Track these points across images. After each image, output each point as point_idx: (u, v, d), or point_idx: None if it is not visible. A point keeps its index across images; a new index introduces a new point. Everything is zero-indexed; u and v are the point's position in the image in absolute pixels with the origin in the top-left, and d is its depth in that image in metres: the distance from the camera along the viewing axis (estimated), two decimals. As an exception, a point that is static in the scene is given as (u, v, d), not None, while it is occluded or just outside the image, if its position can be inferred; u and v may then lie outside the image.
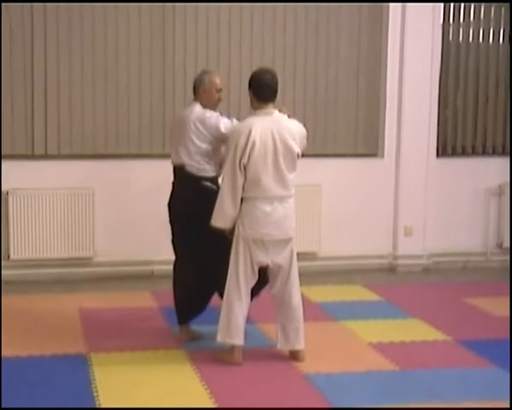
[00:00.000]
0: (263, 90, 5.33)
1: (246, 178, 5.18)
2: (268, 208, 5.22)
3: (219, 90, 5.72)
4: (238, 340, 5.31)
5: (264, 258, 5.27)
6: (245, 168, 5.16)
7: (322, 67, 7.93)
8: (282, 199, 5.26)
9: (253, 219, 5.22)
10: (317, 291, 6.36)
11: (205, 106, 5.67)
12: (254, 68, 5.88)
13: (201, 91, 5.70)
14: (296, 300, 5.38)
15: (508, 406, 4.70)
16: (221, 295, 5.50)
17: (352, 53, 7.98)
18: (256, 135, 5.15)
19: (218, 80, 5.73)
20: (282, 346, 5.43)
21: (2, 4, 7.15)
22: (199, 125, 5.56)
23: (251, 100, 5.39)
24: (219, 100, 5.75)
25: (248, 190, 5.22)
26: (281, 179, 5.24)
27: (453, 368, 5.36)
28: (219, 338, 5.32)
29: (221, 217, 5.25)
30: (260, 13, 7.68)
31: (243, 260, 5.27)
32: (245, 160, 5.15)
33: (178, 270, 5.81)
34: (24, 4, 7.16)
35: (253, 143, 5.15)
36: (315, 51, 7.87)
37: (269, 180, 5.19)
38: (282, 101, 7.80)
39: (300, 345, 5.40)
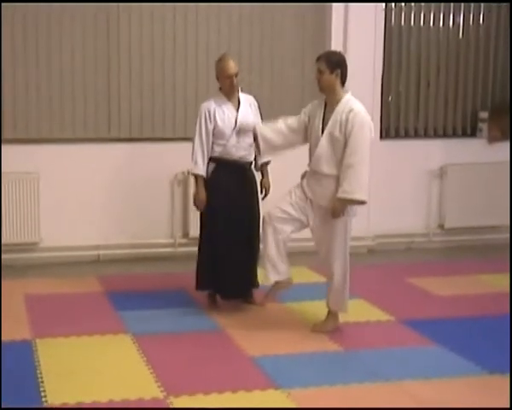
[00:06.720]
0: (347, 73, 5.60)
1: None
2: None
3: (230, 76, 5.66)
4: None
5: None
6: None
7: (268, 53, 7.97)
8: None
9: None
10: (261, 274, 6.42)
11: (224, 93, 5.75)
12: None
13: (218, 80, 5.76)
14: None
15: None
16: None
17: (297, 37, 8.02)
18: None
19: (227, 66, 5.67)
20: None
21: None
22: None
23: (332, 82, 5.57)
24: (231, 86, 5.70)
25: None
26: None
27: (396, 348, 5.48)
28: (346, 311, 5.82)
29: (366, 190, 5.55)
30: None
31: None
32: None
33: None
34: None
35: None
36: (261, 34, 7.91)
37: None
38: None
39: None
